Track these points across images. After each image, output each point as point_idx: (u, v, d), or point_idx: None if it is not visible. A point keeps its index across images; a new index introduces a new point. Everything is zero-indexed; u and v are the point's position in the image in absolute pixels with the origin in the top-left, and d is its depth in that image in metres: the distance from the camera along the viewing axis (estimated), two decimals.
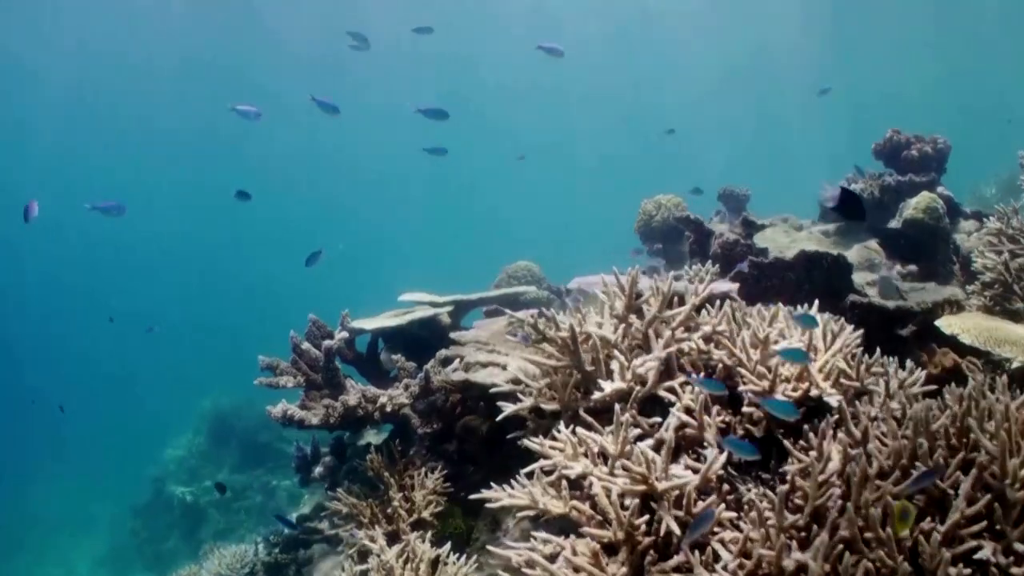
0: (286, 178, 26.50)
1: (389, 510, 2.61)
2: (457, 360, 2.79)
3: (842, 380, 2.16)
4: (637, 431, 2.05)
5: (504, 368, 2.56)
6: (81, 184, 25.35)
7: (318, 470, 3.74)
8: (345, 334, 3.12)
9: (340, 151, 25.58)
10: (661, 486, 1.77)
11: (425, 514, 2.58)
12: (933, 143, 4.56)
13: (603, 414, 2.16)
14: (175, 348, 19.22)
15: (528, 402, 2.17)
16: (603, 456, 1.94)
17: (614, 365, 2.17)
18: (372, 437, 3.68)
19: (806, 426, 2.07)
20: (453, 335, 2.91)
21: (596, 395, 2.06)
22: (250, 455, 8.98)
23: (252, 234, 27.54)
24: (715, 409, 2.08)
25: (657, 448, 1.94)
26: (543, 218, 26.33)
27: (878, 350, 2.24)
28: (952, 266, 4.08)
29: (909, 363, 2.33)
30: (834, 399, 2.12)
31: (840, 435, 1.83)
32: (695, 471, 1.88)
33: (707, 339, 2.28)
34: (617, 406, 1.95)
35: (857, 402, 2.12)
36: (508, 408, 2.19)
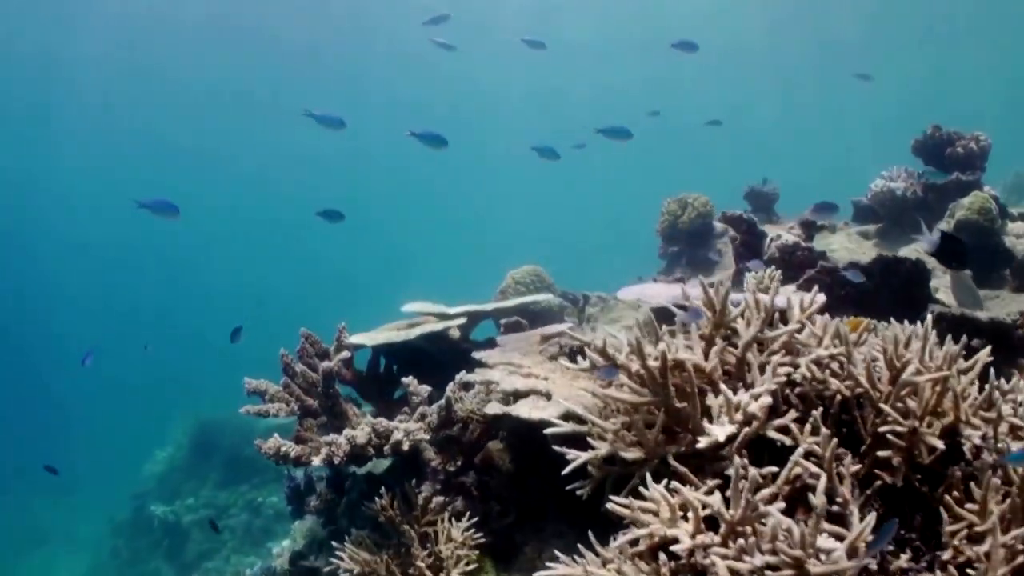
0: (277, 181, 25.69)
1: (412, 571, 2.05)
2: (482, 384, 2.24)
3: (981, 412, 1.66)
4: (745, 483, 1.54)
5: (548, 397, 2.02)
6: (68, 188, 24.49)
7: (313, 503, 3.18)
8: (346, 354, 2.57)
9: (336, 151, 24.79)
10: (816, 570, 1.24)
11: (455, 574, 2.04)
12: (975, 140, 4.11)
13: (693, 460, 1.64)
14: (157, 356, 18.37)
15: (603, 449, 1.63)
16: (714, 520, 1.42)
17: (713, 400, 1.64)
18: (375, 465, 3.12)
19: (957, 472, 1.58)
20: (477, 355, 2.37)
21: (703, 441, 1.53)
22: (234, 470, 8.33)
23: (239, 239, 26.64)
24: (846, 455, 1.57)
25: (788, 510, 1.42)
26: (543, 222, 25.51)
27: (991, 371, 1.77)
28: (1003, 271, 3.61)
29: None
30: (976, 435, 1.63)
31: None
32: (838, 538, 1.37)
33: (819, 364, 1.76)
34: (737, 458, 1.41)
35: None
36: (575, 456, 1.65)
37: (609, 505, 1.47)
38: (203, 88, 20.32)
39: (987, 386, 1.62)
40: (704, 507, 1.43)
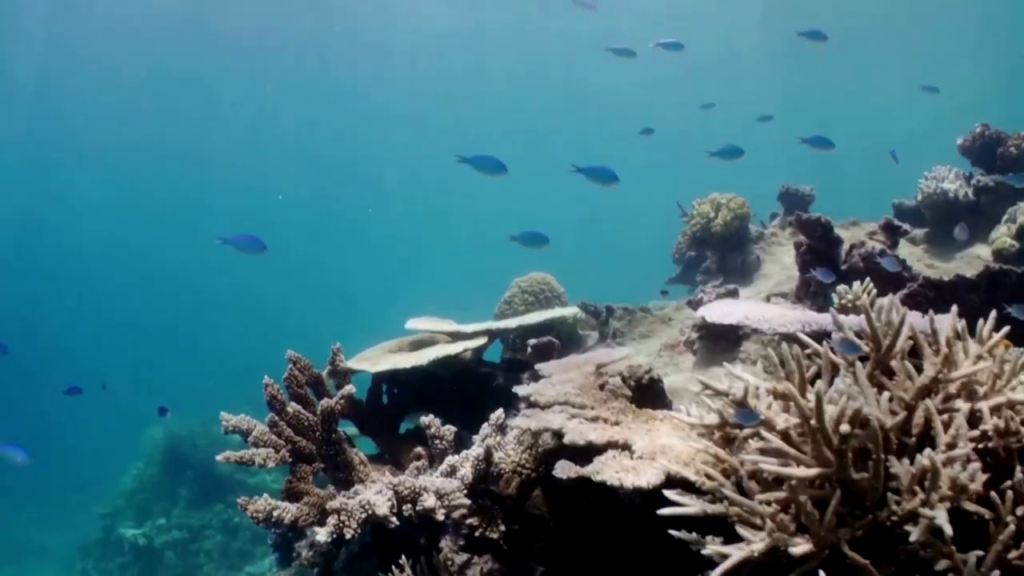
0: (257, 184, 24.74)
1: None
2: (538, 431, 1.71)
3: None
4: None
5: (631, 452, 1.50)
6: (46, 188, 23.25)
7: (305, 553, 2.63)
8: (350, 389, 2.02)
9: (335, 153, 23.96)
10: None
11: None
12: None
13: (864, 545, 1.13)
14: (126, 366, 17.45)
15: (759, 542, 1.10)
16: None
17: (901, 468, 1.13)
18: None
19: None
20: (522, 390, 1.83)
21: (916, 531, 1.02)
22: (208, 488, 7.64)
23: (212, 245, 25.59)
24: None
25: None
26: (540, 225, 24.76)
27: None
28: None
29: None
30: None
31: None
32: None
33: (1013, 410, 1.27)
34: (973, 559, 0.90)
35: None
36: (720, 553, 1.12)
37: None
38: (204, 88, 19.44)
39: None
40: None
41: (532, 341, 2.49)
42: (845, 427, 1.13)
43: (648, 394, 1.86)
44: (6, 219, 22.30)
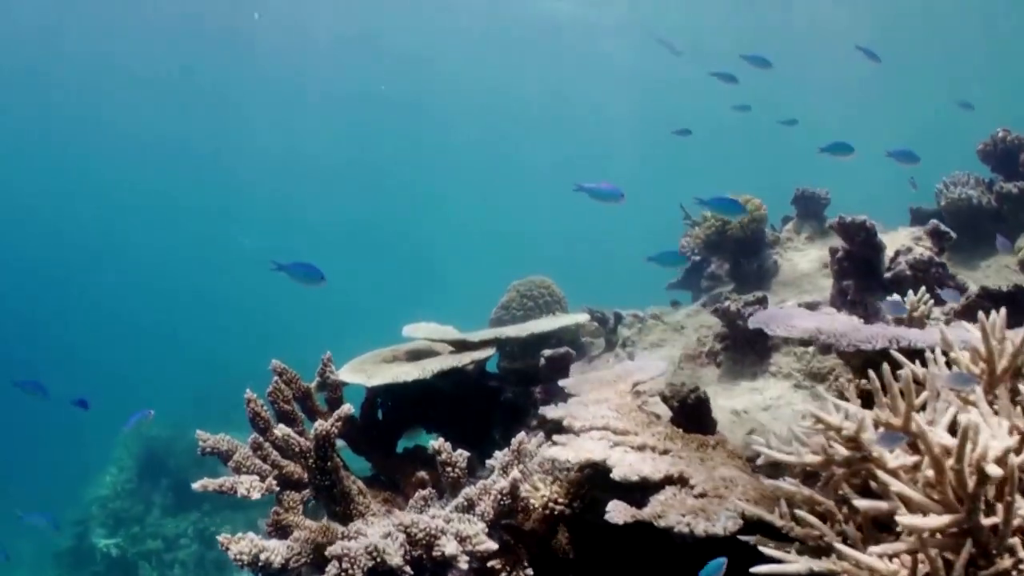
0: (241, 177, 24.19)
1: None
2: (576, 461, 1.45)
3: None
4: None
5: (691, 488, 1.25)
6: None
7: None
8: (348, 409, 1.75)
9: (334, 154, 23.43)
10: None
11: None
12: None
13: None
14: (101, 366, 16.86)
15: None
16: None
17: None
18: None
19: None
20: (551, 412, 1.58)
21: None
22: (184, 496, 7.26)
23: (211, 243, 24.91)
24: None
25: None
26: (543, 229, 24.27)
27: None
28: None
29: None
30: None
31: None
32: None
33: None
34: None
35: None
36: None
37: None
38: (201, 87, 18.96)
39: None
40: None
41: (547, 352, 2.23)
42: (994, 469, 0.89)
43: (694, 416, 1.61)
44: None
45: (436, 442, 1.71)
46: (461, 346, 2.43)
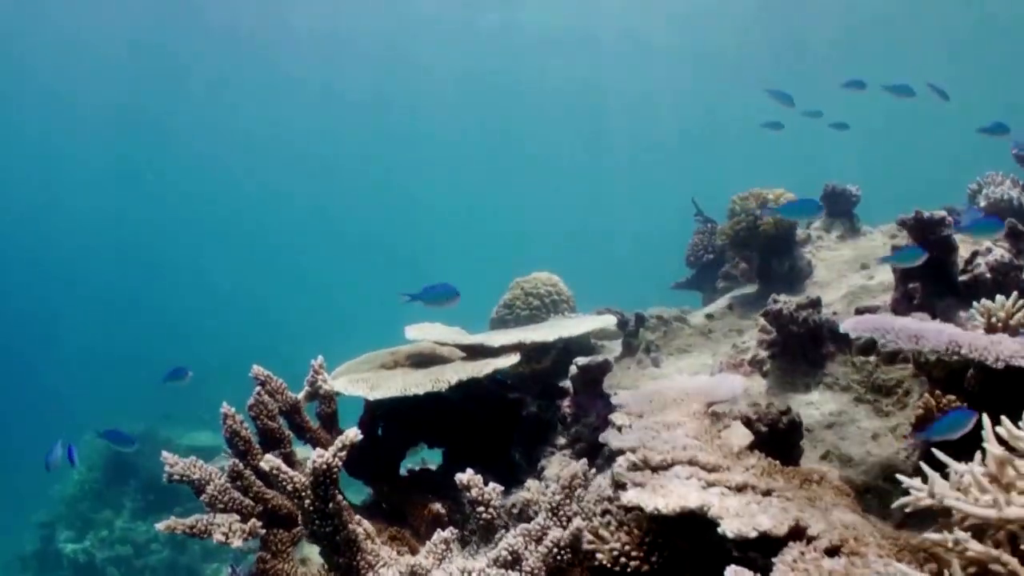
0: (232, 170, 23.50)
1: None
2: (657, 508, 1.10)
3: None
4: None
5: (814, 543, 0.91)
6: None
7: None
8: (354, 435, 1.39)
9: (333, 155, 22.81)
10: None
11: None
12: None
13: None
14: (70, 362, 16.16)
15: None
16: None
17: None
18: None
19: None
20: (615, 442, 1.24)
21: None
22: (155, 498, 6.80)
23: (201, 238, 24.15)
24: None
25: None
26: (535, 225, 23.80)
27: None
28: None
29: None
30: None
31: None
32: None
33: None
34: None
35: None
36: None
37: None
38: (200, 87, 18.33)
39: None
40: None
41: (581, 361, 1.87)
42: None
43: (785, 444, 1.28)
44: None
45: (464, 476, 1.35)
46: (476, 351, 2.07)
